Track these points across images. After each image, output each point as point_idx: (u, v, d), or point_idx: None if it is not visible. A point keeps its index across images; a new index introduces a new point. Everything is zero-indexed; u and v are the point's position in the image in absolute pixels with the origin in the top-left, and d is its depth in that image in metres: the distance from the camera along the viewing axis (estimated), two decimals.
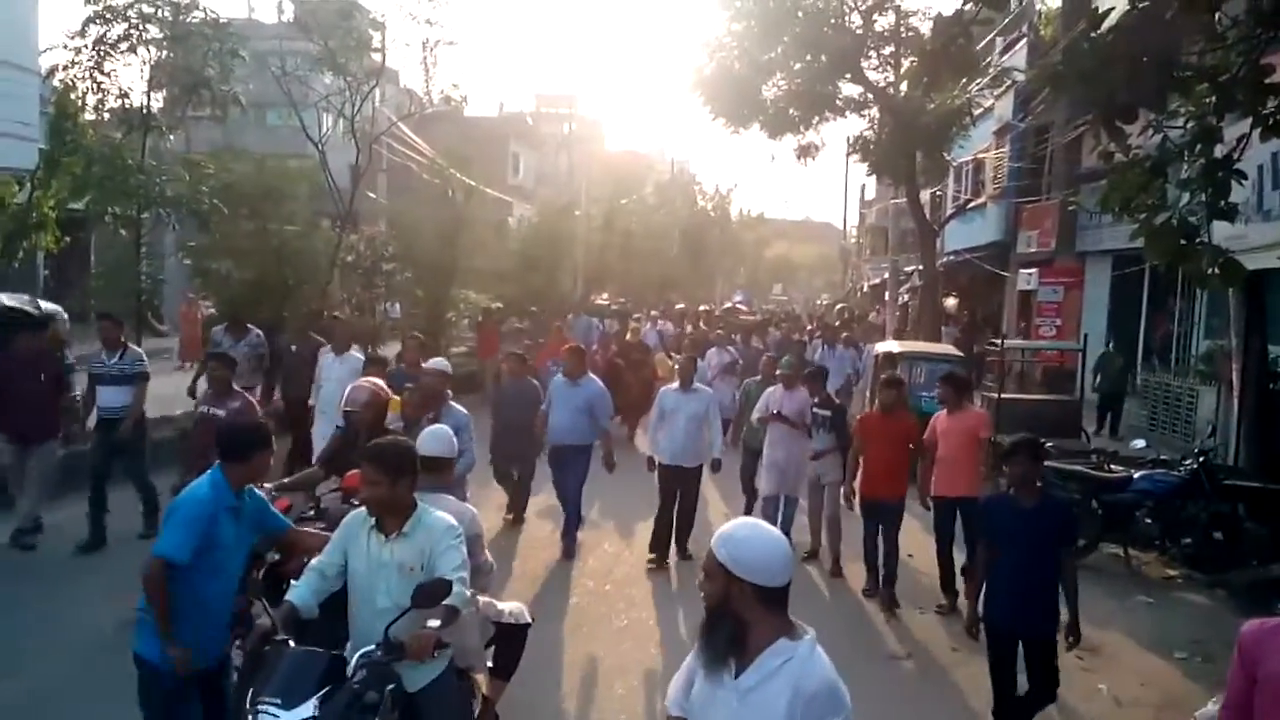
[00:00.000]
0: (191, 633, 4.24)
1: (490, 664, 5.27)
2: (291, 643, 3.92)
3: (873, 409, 8.95)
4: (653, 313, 25.73)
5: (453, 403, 7.45)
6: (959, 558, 8.26)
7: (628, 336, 18.04)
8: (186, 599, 4.22)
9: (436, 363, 8.10)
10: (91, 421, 9.30)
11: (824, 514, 9.60)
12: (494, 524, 10.10)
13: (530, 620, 5.43)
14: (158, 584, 4.18)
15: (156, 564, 4.18)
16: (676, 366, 10.70)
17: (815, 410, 9.63)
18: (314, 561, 4.22)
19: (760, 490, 10.13)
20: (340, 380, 8.83)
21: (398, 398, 7.27)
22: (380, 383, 6.97)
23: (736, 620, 2.69)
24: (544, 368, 15.30)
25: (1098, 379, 16.87)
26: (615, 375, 15.64)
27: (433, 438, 5.05)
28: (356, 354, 10.17)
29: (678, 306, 27.02)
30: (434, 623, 3.83)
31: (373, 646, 3.84)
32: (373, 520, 4.09)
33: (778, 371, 10.16)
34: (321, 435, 9.13)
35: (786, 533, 9.58)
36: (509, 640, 5.31)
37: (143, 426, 9.34)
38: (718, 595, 2.70)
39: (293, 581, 4.30)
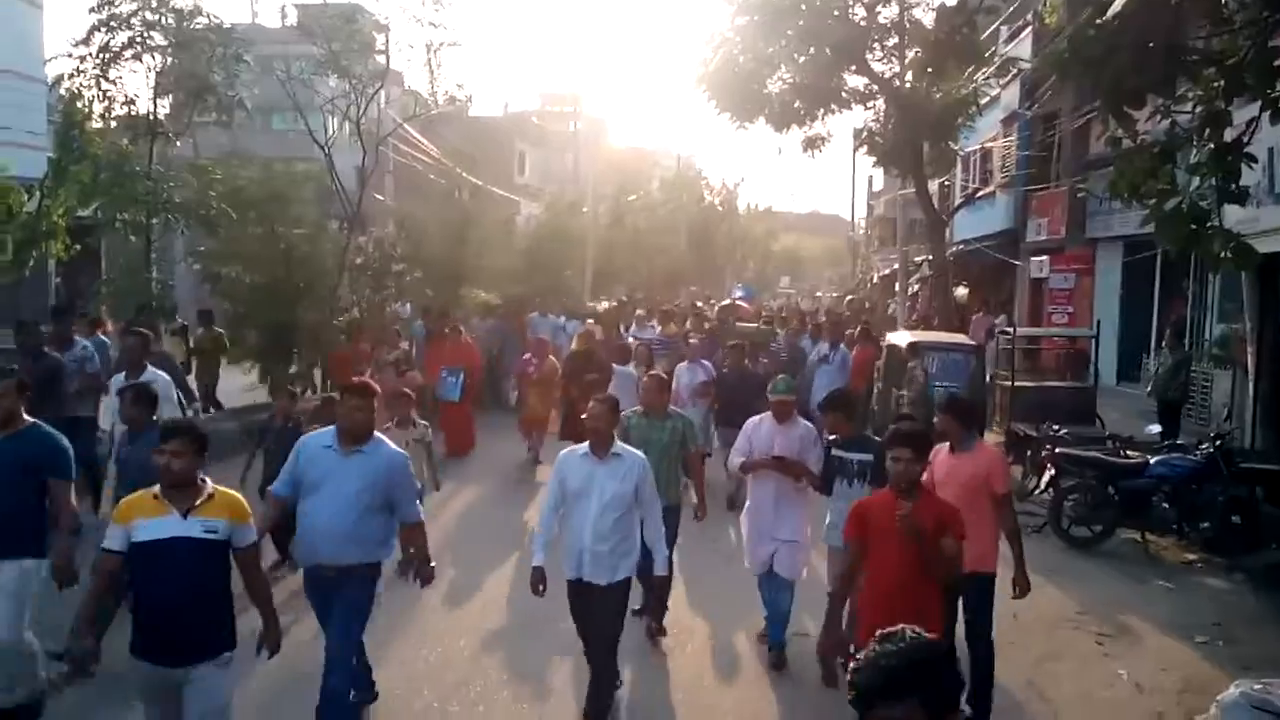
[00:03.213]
0: None
1: None
2: None
3: (880, 490, 5.53)
4: (638, 312, 20.49)
5: None
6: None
7: (574, 345, 13.77)
8: None
9: None
10: None
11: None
12: None
13: None
14: None
15: None
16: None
17: (837, 453, 6.70)
18: None
19: (748, 564, 7.11)
20: None
21: None
22: None
23: None
24: (434, 378, 12.92)
25: (1151, 388, 13.71)
26: (541, 392, 12.69)
27: None
28: None
29: (676, 303, 25.24)
30: None
31: None
32: None
33: (770, 396, 7.05)
34: None
35: (780, 636, 6.82)
36: None
37: None
38: None
39: None
